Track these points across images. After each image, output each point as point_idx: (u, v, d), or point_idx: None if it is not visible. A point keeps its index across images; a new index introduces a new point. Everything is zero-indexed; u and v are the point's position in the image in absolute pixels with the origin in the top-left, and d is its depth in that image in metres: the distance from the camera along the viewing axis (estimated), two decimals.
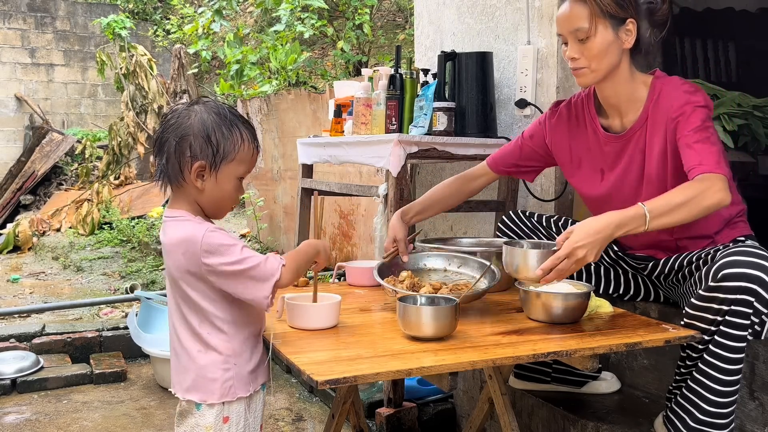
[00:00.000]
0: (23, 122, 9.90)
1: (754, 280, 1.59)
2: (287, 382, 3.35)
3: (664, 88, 1.86)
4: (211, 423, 1.48)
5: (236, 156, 1.49)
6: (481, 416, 2.08)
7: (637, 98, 1.89)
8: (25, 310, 4.43)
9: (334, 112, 2.99)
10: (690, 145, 1.74)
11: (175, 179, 1.49)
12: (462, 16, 3.09)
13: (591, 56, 1.83)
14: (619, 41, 1.83)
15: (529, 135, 2.14)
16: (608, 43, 1.81)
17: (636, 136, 1.90)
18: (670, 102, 1.83)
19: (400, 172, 2.46)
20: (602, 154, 1.98)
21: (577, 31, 1.82)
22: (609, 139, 1.96)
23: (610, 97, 1.92)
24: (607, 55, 1.82)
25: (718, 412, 1.67)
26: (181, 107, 1.52)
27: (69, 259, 6.41)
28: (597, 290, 2.12)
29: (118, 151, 7.79)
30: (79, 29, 10.26)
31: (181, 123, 1.48)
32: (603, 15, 1.80)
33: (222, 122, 1.48)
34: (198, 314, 1.48)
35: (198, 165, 1.46)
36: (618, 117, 1.95)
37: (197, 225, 1.46)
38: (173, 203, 1.53)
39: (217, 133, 1.47)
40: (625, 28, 1.83)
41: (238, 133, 1.49)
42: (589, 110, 2.01)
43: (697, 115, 1.77)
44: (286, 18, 6.56)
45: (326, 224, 5.21)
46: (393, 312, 1.81)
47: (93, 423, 2.91)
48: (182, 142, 1.46)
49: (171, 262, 1.48)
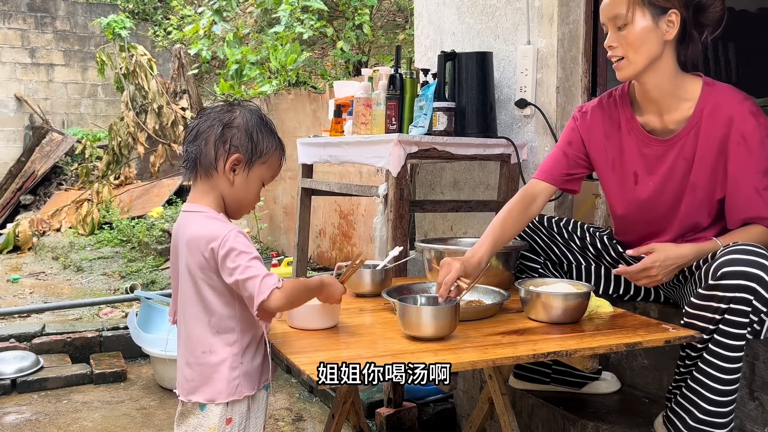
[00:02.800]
0: (23, 122, 9.90)
1: (754, 279, 1.59)
2: (287, 382, 3.35)
3: (721, 99, 1.80)
4: (215, 424, 1.48)
5: (269, 160, 1.54)
6: (481, 416, 2.08)
7: (683, 98, 1.83)
8: (25, 310, 4.43)
9: (334, 112, 2.99)
10: (759, 191, 1.76)
11: (207, 168, 1.50)
12: (462, 16, 3.09)
13: (627, 44, 1.76)
14: (659, 31, 1.75)
15: (567, 142, 2.04)
16: (646, 32, 1.74)
17: (683, 142, 1.84)
18: (732, 118, 1.78)
19: (400, 172, 2.46)
20: (640, 156, 1.92)
21: (615, 18, 1.76)
22: (651, 141, 1.89)
23: (650, 90, 1.84)
24: (645, 45, 1.75)
25: (717, 411, 1.67)
26: (222, 103, 1.56)
27: (69, 259, 6.41)
28: (597, 290, 2.12)
29: (118, 151, 7.80)
30: (79, 29, 10.26)
31: (225, 115, 1.51)
32: (642, 2, 1.74)
33: (263, 125, 1.54)
34: (208, 313, 1.49)
35: (236, 157, 1.49)
36: (658, 114, 1.87)
37: (223, 224, 1.47)
38: (196, 196, 1.53)
39: (258, 132, 1.51)
40: (667, 18, 1.75)
41: (275, 139, 1.55)
42: (625, 110, 1.94)
43: (763, 149, 1.76)
44: (286, 19, 6.56)
45: (326, 224, 5.21)
46: (393, 312, 1.81)
47: (93, 423, 2.91)
48: (226, 131, 1.49)
49: (191, 258, 1.47)
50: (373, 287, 2.00)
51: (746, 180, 1.78)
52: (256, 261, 1.44)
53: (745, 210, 1.79)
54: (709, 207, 1.86)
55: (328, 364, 1.38)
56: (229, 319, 1.49)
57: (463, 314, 1.73)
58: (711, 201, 1.85)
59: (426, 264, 2.15)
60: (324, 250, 5.28)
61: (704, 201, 1.85)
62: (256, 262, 1.44)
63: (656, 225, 1.95)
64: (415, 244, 2.30)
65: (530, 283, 1.85)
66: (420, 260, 2.57)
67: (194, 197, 1.54)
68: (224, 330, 1.49)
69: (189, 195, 1.56)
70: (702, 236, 1.89)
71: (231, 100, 1.60)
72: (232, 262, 1.42)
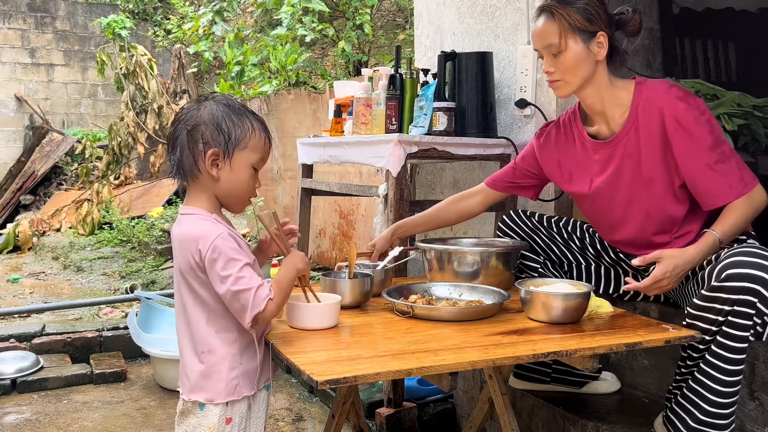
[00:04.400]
0: (23, 122, 9.90)
1: (758, 281, 1.59)
2: (287, 382, 3.35)
3: (650, 94, 1.88)
4: (215, 424, 1.48)
5: (248, 143, 1.51)
6: (481, 416, 2.08)
7: (621, 103, 1.93)
8: (25, 310, 4.43)
9: (334, 112, 2.98)
10: (711, 167, 1.80)
11: (190, 172, 1.50)
12: (462, 16, 3.09)
13: (564, 69, 1.89)
14: (591, 54, 1.89)
15: (521, 157, 2.21)
16: (579, 57, 1.87)
17: (624, 141, 1.92)
18: (662, 107, 1.85)
19: (400, 172, 2.46)
20: (592, 162, 2.01)
21: (549, 46, 1.89)
22: (597, 145, 1.99)
23: (593, 104, 1.96)
24: (580, 68, 1.88)
25: (719, 412, 1.67)
26: (191, 103, 1.54)
27: (69, 259, 6.41)
28: (597, 290, 2.12)
29: (118, 151, 7.80)
30: (79, 29, 10.26)
31: (191, 116, 1.50)
32: (573, 30, 1.86)
33: (231, 111, 1.51)
34: (206, 312, 1.49)
35: (212, 152, 1.48)
36: (604, 122, 1.98)
37: (213, 225, 1.47)
38: (190, 199, 1.54)
39: (227, 120, 1.49)
40: (596, 41, 1.88)
41: (248, 121, 1.52)
42: (576, 123, 2.06)
43: (701, 127, 1.81)
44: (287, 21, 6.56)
45: (326, 224, 5.21)
46: (393, 312, 1.81)
47: (93, 423, 2.91)
48: (194, 132, 1.48)
49: (182, 258, 1.48)
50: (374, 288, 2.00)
51: (696, 161, 1.82)
52: (247, 269, 1.44)
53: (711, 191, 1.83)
54: (675, 196, 1.90)
55: (328, 364, 1.38)
56: (224, 318, 1.49)
57: (463, 314, 1.73)
58: (673, 190, 1.89)
59: (426, 264, 2.15)
60: (324, 250, 5.28)
61: (666, 192, 1.90)
62: (248, 270, 1.44)
63: (623, 222, 1.99)
64: (415, 244, 2.30)
65: (530, 283, 1.85)
66: (420, 260, 2.56)
67: (188, 200, 1.54)
68: (223, 329, 1.49)
69: (184, 198, 1.57)
70: (691, 228, 1.92)
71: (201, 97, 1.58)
72: (223, 270, 1.42)
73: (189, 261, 1.46)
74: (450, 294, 1.93)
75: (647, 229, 1.96)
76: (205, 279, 1.46)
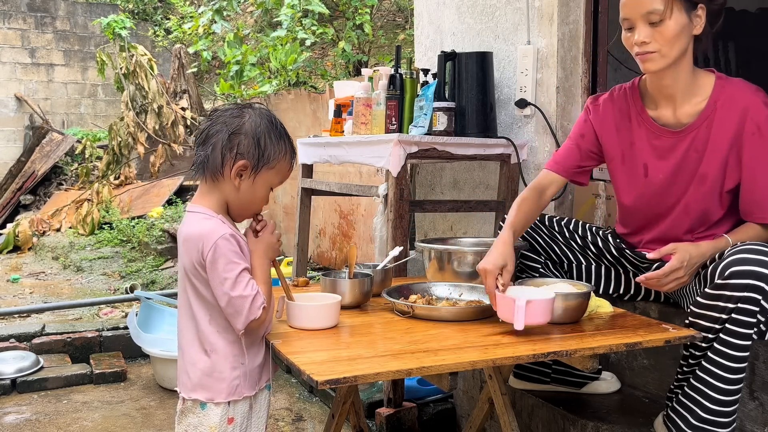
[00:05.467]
0: (23, 122, 9.90)
1: (762, 279, 1.58)
2: (287, 382, 3.35)
3: (734, 91, 1.82)
4: (216, 423, 1.48)
5: (277, 165, 1.53)
6: (481, 416, 2.08)
7: (696, 92, 1.84)
8: (25, 310, 4.43)
9: (334, 112, 2.99)
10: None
11: (213, 172, 1.51)
12: (462, 16, 3.09)
13: (664, 40, 1.75)
14: (691, 26, 1.76)
15: (580, 134, 2.06)
16: (682, 27, 1.74)
17: (695, 134, 1.85)
18: (746, 108, 1.79)
19: (400, 172, 2.46)
20: (650, 148, 1.93)
21: (651, 13, 1.73)
22: (661, 131, 1.90)
23: (668, 86, 1.85)
24: (680, 40, 1.75)
25: (721, 410, 1.67)
26: (232, 106, 1.55)
27: (69, 259, 6.40)
28: (597, 290, 2.12)
29: (118, 151, 7.79)
30: (79, 29, 10.26)
31: (233, 120, 1.51)
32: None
33: (272, 130, 1.52)
34: (208, 311, 1.49)
35: (242, 163, 1.49)
36: (671, 108, 1.88)
37: (217, 225, 1.48)
38: (200, 197, 1.54)
39: (266, 138, 1.50)
40: (696, 13, 1.76)
41: (284, 144, 1.54)
42: (635, 101, 1.96)
43: None
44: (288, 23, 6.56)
45: (326, 224, 5.21)
46: (393, 312, 1.81)
47: (93, 423, 2.91)
48: (233, 138, 1.49)
49: (186, 257, 1.49)
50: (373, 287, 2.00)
51: (762, 170, 1.79)
52: (245, 274, 1.45)
53: (762, 204, 1.80)
54: (720, 198, 1.87)
55: (328, 364, 1.38)
56: (225, 319, 1.49)
57: (463, 314, 1.73)
58: (720, 192, 1.86)
59: (426, 264, 2.15)
60: (324, 250, 5.28)
61: (712, 192, 1.86)
62: (245, 275, 1.45)
63: (663, 216, 1.95)
64: (415, 244, 2.29)
65: (530, 283, 1.85)
66: (420, 260, 2.56)
67: (197, 198, 1.55)
68: (225, 329, 1.49)
69: (194, 195, 1.57)
70: (714, 232, 1.89)
71: (241, 103, 1.59)
72: (223, 272, 1.43)
73: (192, 259, 1.47)
74: (450, 294, 1.93)
75: (679, 226, 1.93)
76: (206, 278, 1.46)
